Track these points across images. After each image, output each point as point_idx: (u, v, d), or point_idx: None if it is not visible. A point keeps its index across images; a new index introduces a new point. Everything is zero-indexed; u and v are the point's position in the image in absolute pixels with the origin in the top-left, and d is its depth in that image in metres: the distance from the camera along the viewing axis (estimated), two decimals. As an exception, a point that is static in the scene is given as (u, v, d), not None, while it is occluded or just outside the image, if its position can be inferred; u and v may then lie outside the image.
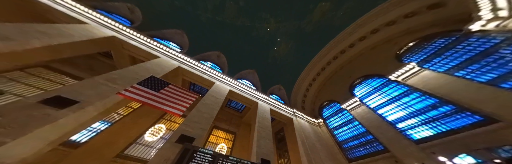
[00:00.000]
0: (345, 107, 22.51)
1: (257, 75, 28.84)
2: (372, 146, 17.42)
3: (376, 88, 21.12)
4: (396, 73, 18.38)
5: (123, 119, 14.68)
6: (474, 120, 11.72)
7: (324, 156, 17.01)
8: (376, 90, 20.90)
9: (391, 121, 16.99)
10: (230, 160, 8.42)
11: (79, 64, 16.06)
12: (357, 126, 20.55)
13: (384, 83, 20.55)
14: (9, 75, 12.17)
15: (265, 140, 13.85)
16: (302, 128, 20.33)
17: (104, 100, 8.56)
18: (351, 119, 21.88)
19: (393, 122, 16.77)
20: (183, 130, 9.91)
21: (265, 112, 18.85)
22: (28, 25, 10.06)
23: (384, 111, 18.47)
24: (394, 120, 16.84)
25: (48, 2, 13.63)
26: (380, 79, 21.51)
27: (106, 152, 11.85)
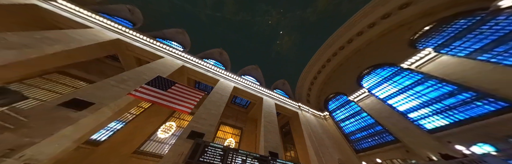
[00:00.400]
0: (352, 98, 22.07)
1: (260, 70, 28.74)
2: (381, 137, 17.27)
3: (386, 78, 20.18)
4: (409, 61, 17.03)
5: (136, 118, 15.71)
6: (498, 106, 10.78)
7: (331, 148, 17.23)
8: (386, 80, 20.03)
9: (402, 111, 16.52)
10: (240, 153, 8.71)
11: (90, 68, 16.99)
12: (365, 118, 20.27)
13: (395, 71, 19.47)
14: (29, 82, 13.39)
15: (272, 134, 14.18)
16: (308, 121, 20.46)
17: (117, 100, 9.05)
18: (358, 111, 21.55)
19: (404, 112, 16.29)
20: (193, 126, 10.36)
21: (270, 107, 19.07)
22: (39, 33, 10.55)
23: (395, 101, 17.90)
24: (405, 110, 16.33)
25: (53, 8, 14.08)
26: (391, 68, 20.35)
27: (124, 149, 12.91)
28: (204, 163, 7.23)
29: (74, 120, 6.72)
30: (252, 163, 8.44)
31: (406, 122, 15.13)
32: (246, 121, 23.45)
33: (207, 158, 7.50)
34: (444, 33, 16.73)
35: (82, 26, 14.32)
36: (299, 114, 21.54)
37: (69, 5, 15.12)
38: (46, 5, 13.85)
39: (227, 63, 27.06)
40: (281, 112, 21.99)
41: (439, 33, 17.08)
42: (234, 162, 8.01)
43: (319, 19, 22.90)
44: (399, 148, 14.91)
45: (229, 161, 7.91)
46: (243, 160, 8.31)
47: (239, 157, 8.42)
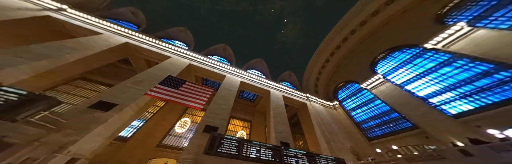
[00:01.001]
0: (365, 86, 21.06)
1: (265, 63, 28.40)
2: (397, 123, 16.79)
3: (405, 61, 18.47)
4: (435, 40, 14.73)
5: (154, 116, 17.22)
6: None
7: (342, 136, 17.37)
8: (405, 63, 18.39)
9: (422, 96, 15.44)
10: (253, 144, 9.14)
11: (106, 73, 18.47)
12: (378, 105, 19.60)
13: (416, 53, 17.46)
14: (59, 89, 15.26)
15: (282, 125, 14.62)
16: (317, 112, 20.49)
17: (136, 100, 9.88)
18: (371, 99, 20.78)
19: (425, 97, 15.22)
20: (207, 121, 11.08)
21: (278, 99, 19.30)
22: (58, 43, 11.45)
23: (414, 87, 16.67)
24: (426, 95, 15.21)
25: (65, 18, 14.90)
26: (411, 50, 18.24)
27: (149, 143, 14.61)
28: (222, 154, 7.81)
29: (103, 120, 7.61)
30: (266, 152, 8.95)
31: (426, 108, 14.27)
32: (254, 114, 24.39)
33: (224, 149, 8.06)
34: (481, 2, 13.47)
35: (93, 33, 15.11)
36: (308, 104, 21.56)
37: (78, 13, 15.89)
38: (58, 15, 14.70)
39: (232, 58, 27.11)
40: (289, 103, 22.12)
41: (474, 4, 14.09)
42: (249, 152, 8.52)
43: (326, 2, 21.06)
44: (417, 135, 14.48)
45: (244, 151, 8.43)
46: (257, 150, 8.82)
47: (253, 147, 8.90)
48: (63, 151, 5.75)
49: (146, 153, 13.76)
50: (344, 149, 15.13)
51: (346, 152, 14.86)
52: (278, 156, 9.03)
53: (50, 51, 10.47)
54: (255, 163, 8.03)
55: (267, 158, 8.67)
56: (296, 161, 9.27)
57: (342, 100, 25.75)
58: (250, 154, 8.43)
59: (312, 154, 10.28)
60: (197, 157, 7.12)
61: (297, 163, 9.22)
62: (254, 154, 8.52)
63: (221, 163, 7.17)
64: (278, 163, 8.65)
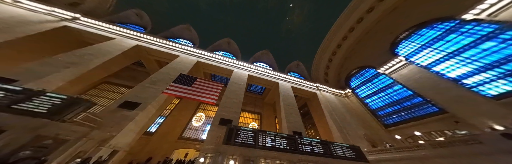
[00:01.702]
0: (382, 71, 19.52)
1: (271, 55, 27.80)
2: (420, 109, 15.77)
3: (434, 39, 16.22)
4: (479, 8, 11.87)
5: (172, 113, 18.82)
6: None
7: (356, 124, 17.23)
8: (434, 41, 16.18)
9: (453, 77, 13.89)
10: (268, 134, 9.67)
11: (124, 76, 20.13)
12: (398, 91, 18.34)
13: (450, 28, 15.03)
14: (89, 92, 17.29)
15: (293, 115, 14.94)
16: (328, 101, 20.25)
17: (155, 99, 10.83)
18: (390, 84, 19.44)
19: (457, 78, 13.64)
20: (221, 114, 11.82)
21: (287, 91, 19.34)
22: (79, 51, 12.57)
23: (443, 67, 14.91)
24: (458, 76, 13.61)
25: (80, 26, 15.96)
26: (444, 25, 15.65)
27: (171, 136, 16.32)
28: (240, 144, 8.47)
29: (132, 117, 8.64)
30: (281, 141, 9.45)
31: (458, 90, 12.94)
32: (263, 106, 25.09)
33: (241, 139, 8.72)
34: None
35: (107, 39, 16.08)
36: (318, 94, 21.30)
37: (90, 21, 16.88)
38: (74, 24, 15.80)
39: (237, 52, 26.99)
40: (298, 94, 22.00)
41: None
42: (265, 142, 9.08)
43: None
44: (444, 120, 13.53)
45: (260, 141, 8.99)
46: (272, 140, 9.34)
47: (268, 137, 9.43)
48: (105, 145, 6.86)
49: (170, 145, 15.58)
50: (358, 137, 15.16)
51: (360, 139, 14.91)
52: (293, 145, 9.44)
53: (75, 60, 11.63)
54: (272, 151, 8.52)
55: (283, 146, 9.14)
56: (311, 149, 9.63)
57: (355, 87, 24.75)
58: (266, 144, 8.97)
59: (326, 142, 10.52)
60: (218, 147, 7.86)
61: (312, 151, 9.56)
62: (269, 143, 9.05)
63: (240, 152, 7.82)
64: (294, 151, 9.07)
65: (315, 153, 9.45)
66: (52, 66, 10.40)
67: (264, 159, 7.86)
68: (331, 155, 9.68)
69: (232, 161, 7.40)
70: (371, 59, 22.44)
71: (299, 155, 8.77)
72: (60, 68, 10.49)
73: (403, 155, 10.54)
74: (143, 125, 10.09)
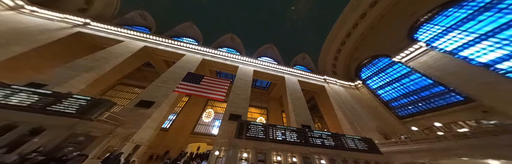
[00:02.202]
0: (398, 59, 18.05)
1: (276, 48, 27.12)
2: (441, 98, 14.70)
3: (463, 19, 14.16)
4: None
5: (183, 110, 19.82)
6: None
7: (367, 116, 16.88)
8: (464, 22, 14.21)
9: (484, 62, 12.42)
10: (278, 128, 9.77)
11: (137, 77, 21.30)
12: (415, 80, 17.14)
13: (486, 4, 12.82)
14: (108, 94, 18.71)
15: (301, 109, 14.99)
16: (337, 94, 19.81)
17: (167, 97, 11.48)
18: (406, 73, 18.19)
19: (489, 63, 12.12)
20: (230, 110, 12.27)
21: (294, 84, 19.15)
22: (94, 55, 13.42)
23: (472, 52, 13.31)
24: (491, 61, 12.07)
25: (92, 31, 16.81)
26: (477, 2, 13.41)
27: (184, 132, 17.45)
28: (251, 138, 8.76)
29: (148, 115, 9.36)
30: (291, 135, 9.58)
31: (490, 76, 11.64)
32: (269, 101, 25.32)
33: (252, 133, 9.00)
34: None
35: (117, 41, 16.82)
36: (326, 87, 20.85)
37: (100, 25, 17.67)
38: (85, 29, 16.67)
39: (241, 48, 26.73)
40: (306, 88, 21.67)
41: None
42: (275, 135, 9.28)
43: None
44: (470, 109, 12.60)
45: (270, 134, 9.21)
46: (282, 133, 9.50)
47: (278, 131, 9.59)
48: (129, 140, 7.64)
49: (184, 139, 16.84)
50: (369, 129, 14.94)
51: (372, 132, 14.65)
52: (303, 138, 9.58)
53: (92, 63, 12.49)
54: (283, 144, 8.77)
55: (293, 140, 9.32)
56: (321, 141, 9.72)
57: (366, 78, 23.73)
58: (276, 137, 9.19)
59: (337, 135, 10.52)
60: (231, 141, 8.25)
61: (323, 143, 9.65)
62: (280, 137, 9.27)
63: (252, 145, 8.16)
64: (304, 144, 9.22)
65: (326, 145, 9.53)
66: (73, 70, 11.34)
67: (276, 152, 8.15)
68: (342, 147, 9.69)
69: (245, 154, 7.82)
70: (385, 48, 20.88)
71: (310, 147, 8.93)
72: (81, 72, 11.41)
73: (422, 146, 10.16)
74: (159, 122, 10.92)
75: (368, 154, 9.54)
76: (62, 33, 15.03)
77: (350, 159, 8.72)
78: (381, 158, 9.50)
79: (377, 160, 9.22)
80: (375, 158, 9.34)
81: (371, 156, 9.43)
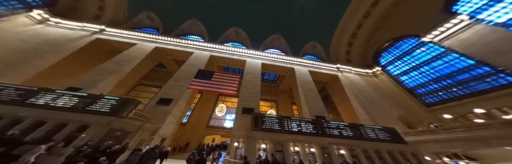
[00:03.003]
0: (430, 38, 15.80)
1: (283, 39, 25.91)
2: (486, 81, 12.62)
3: None
4: None
5: (196, 106, 21.16)
6: None
7: (387, 105, 15.96)
8: None
9: None
10: (293, 119, 9.80)
11: (152, 77, 22.87)
12: (450, 62, 14.93)
13: None
14: (130, 94, 20.69)
15: (315, 100, 14.81)
16: (352, 83, 18.80)
17: (183, 94, 12.31)
18: (439, 55, 15.83)
19: None
20: (243, 104, 12.76)
21: (304, 75, 18.66)
22: (114, 59, 14.62)
23: None
24: None
25: (108, 37, 18.02)
26: None
27: (200, 126, 18.98)
28: (267, 129, 9.02)
29: (169, 111, 10.30)
30: (306, 126, 9.60)
31: None
32: (278, 94, 25.40)
33: (267, 125, 9.24)
34: None
35: (131, 45, 17.85)
36: (339, 76, 19.86)
37: (114, 30, 18.82)
38: (103, 36, 17.94)
39: (247, 41, 26.19)
40: (316, 78, 20.84)
41: None
42: (290, 127, 9.39)
43: None
44: None
45: (286, 126, 9.35)
46: (297, 125, 9.56)
47: (293, 122, 9.65)
48: (156, 134, 8.67)
49: (201, 132, 18.50)
50: (390, 118, 14.17)
51: (394, 121, 13.86)
52: (319, 129, 9.57)
53: (114, 67, 13.70)
54: (299, 135, 8.89)
55: (309, 130, 9.38)
56: (339, 132, 9.64)
57: (386, 64, 21.74)
58: (292, 128, 9.32)
59: (355, 125, 10.29)
60: (248, 133, 8.63)
61: (341, 134, 9.56)
62: (296, 128, 9.38)
63: (269, 136, 8.44)
64: (321, 134, 9.22)
65: (344, 136, 9.37)
66: (99, 74, 12.66)
67: (293, 143, 8.32)
68: (361, 137, 9.46)
69: (263, 145, 8.17)
70: (412, 26, 18.25)
71: (327, 138, 8.92)
72: (106, 75, 12.68)
73: (456, 135, 9.37)
74: (179, 117, 11.99)
75: (390, 144, 9.24)
76: (84, 41, 16.47)
77: (371, 149, 8.59)
78: (405, 148, 9.16)
79: (401, 150, 8.92)
80: (399, 148, 9.05)
81: (394, 146, 9.15)
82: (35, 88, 8.44)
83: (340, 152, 8.42)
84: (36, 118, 6.88)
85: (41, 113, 7.11)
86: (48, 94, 8.30)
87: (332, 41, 23.98)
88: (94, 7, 20.60)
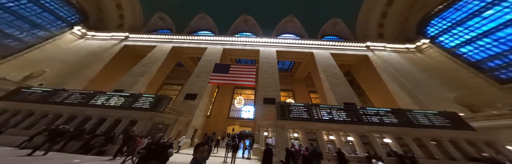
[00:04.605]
0: None
1: (297, 21, 23.22)
2: None
3: None
4: None
5: (216, 99, 22.47)
6: None
7: (438, 85, 13.36)
8: None
9: None
10: (322, 107, 9.19)
11: (173, 76, 24.73)
12: None
13: None
14: (159, 92, 23.27)
15: (341, 86, 13.63)
16: (387, 62, 16.23)
17: (205, 89, 13.13)
18: None
19: None
20: (263, 94, 12.85)
21: (326, 59, 16.99)
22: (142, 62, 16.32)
23: None
24: None
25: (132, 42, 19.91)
26: None
27: (221, 117, 20.60)
28: (295, 118, 8.58)
29: (196, 105, 11.30)
30: (338, 113, 8.83)
31: None
32: (294, 82, 24.48)
33: (295, 114, 8.82)
34: None
35: (152, 47, 19.32)
36: (370, 56, 17.31)
37: (136, 36, 20.59)
38: (128, 42, 19.87)
39: (257, 29, 24.70)
40: (339, 61, 18.29)
41: None
42: (320, 115, 8.76)
43: None
44: None
45: (315, 114, 8.78)
46: (328, 112, 8.88)
47: (323, 110, 9.00)
48: (189, 126, 9.78)
49: (223, 123, 20.38)
50: (444, 101, 11.92)
51: (448, 104, 11.63)
52: (354, 116, 8.82)
53: (142, 69, 15.37)
54: (331, 123, 8.38)
55: (342, 118, 8.70)
56: (379, 119, 8.67)
57: (437, 34, 17.40)
58: (322, 117, 8.78)
59: (401, 110, 9.12)
60: (276, 122, 8.53)
61: (382, 121, 8.59)
62: (326, 116, 8.81)
63: (299, 125, 8.27)
64: (357, 122, 8.45)
65: (387, 123, 8.42)
66: (133, 77, 14.49)
67: (327, 131, 7.96)
68: (410, 124, 8.33)
69: (295, 134, 8.11)
70: None
71: (364, 126, 8.14)
72: (139, 77, 14.43)
73: None
74: (204, 110, 13.14)
75: (451, 131, 7.93)
76: (116, 49, 18.70)
77: (426, 138, 7.61)
78: (475, 135, 7.74)
79: (469, 138, 7.56)
80: (465, 135, 7.71)
81: (457, 133, 7.84)
82: (92, 91, 10.30)
83: (384, 140, 7.69)
84: (99, 115, 8.56)
85: (102, 111, 8.76)
86: (102, 95, 10.05)
87: (359, 14, 20.32)
88: (115, 16, 22.59)
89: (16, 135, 7.21)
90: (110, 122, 8.26)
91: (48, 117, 8.59)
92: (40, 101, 9.60)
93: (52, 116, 8.60)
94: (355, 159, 6.77)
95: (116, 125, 8.14)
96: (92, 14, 22.44)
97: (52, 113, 8.72)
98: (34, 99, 9.91)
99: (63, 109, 8.96)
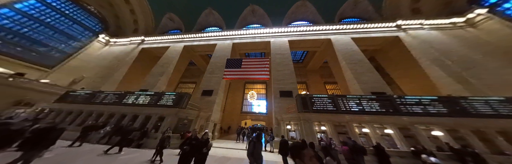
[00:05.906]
0: None
1: (310, 4, 20.90)
2: None
3: None
4: None
5: (229, 94, 22.73)
6: None
7: (500, 66, 10.87)
8: None
9: None
10: (349, 98, 8.41)
11: (187, 75, 25.71)
12: None
13: None
14: (178, 90, 24.61)
15: (366, 74, 12.25)
16: (425, 43, 13.80)
17: (220, 85, 13.34)
18: None
19: None
20: (278, 87, 12.46)
21: (347, 45, 15.29)
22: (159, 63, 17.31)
23: None
24: None
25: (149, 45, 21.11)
26: None
27: (235, 112, 21.24)
28: (320, 111, 8.01)
29: (213, 101, 11.65)
30: (370, 104, 7.99)
31: None
32: (307, 74, 23.29)
33: (318, 106, 8.24)
34: None
35: (165, 48, 20.15)
36: (402, 37, 14.97)
37: (150, 38, 21.74)
38: (145, 45, 21.06)
39: (266, 19, 23.34)
40: (362, 47, 16.03)
41: None
42: (348, 106, 8.07)
43: None
44: None
45: (342, 105, 8.11)
46: (357, 103, 8.13)
47: (350, 101, 8.28)
48: (210, 120, 10.20)
49: (237, 117, 21.06)
50: (502, 83, 9.92)
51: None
52: (389, 106, 7.87)
53: (161, 69, 16.34)
54: (361, 115, 7.68)
55: (375, 109, 7.84)
56: (422, 109, 7.58)
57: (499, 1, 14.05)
58: (350, 108, 8.06)
59: (452, 98, 7.75)
60: (300, 115, 8.12)
61: (426, 111, 7.48)
62: (355, 108, 8.05)
63: (326, 118, 7.72)
64: (394, 113, 7.56)
65: (432, 113, 7.34)
66: (154, 77, 15.54)
67: (359, 124, 7.30)
68: (466, 113, 7.14)
69: (323, 127, 7.65)
70: None
71: (403, 117, 7.28)
72: (159, 77, 15.41)
73: None
74: (221, 106, 13.53)
75: None
76: (135, 52, 20.15)
77: (492, 129, 6.41)
78: None
79: None
80: None
81: None
82: (123, 92, 11.41)
83: (432, 133, 6.69)
84: (132, 113, 9.50)
85: (134, 109, 9.69)
86: (131, 95, 11.06)
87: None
88: (131, 22, 24.13)
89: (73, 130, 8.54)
90: (142, 118, 9.10)
91: (92, 115, 9.91)
92: (85, 102, 11.15)
93: (95, 115, 9.89)
94: (396, 154, 5.96)
95: (147, 121, 8.96)
96: (111, 21, 24.31)
97: (95, 112, 10.01)
98: (80, 100, 11.54)
99: (102, 108, 10.20)
